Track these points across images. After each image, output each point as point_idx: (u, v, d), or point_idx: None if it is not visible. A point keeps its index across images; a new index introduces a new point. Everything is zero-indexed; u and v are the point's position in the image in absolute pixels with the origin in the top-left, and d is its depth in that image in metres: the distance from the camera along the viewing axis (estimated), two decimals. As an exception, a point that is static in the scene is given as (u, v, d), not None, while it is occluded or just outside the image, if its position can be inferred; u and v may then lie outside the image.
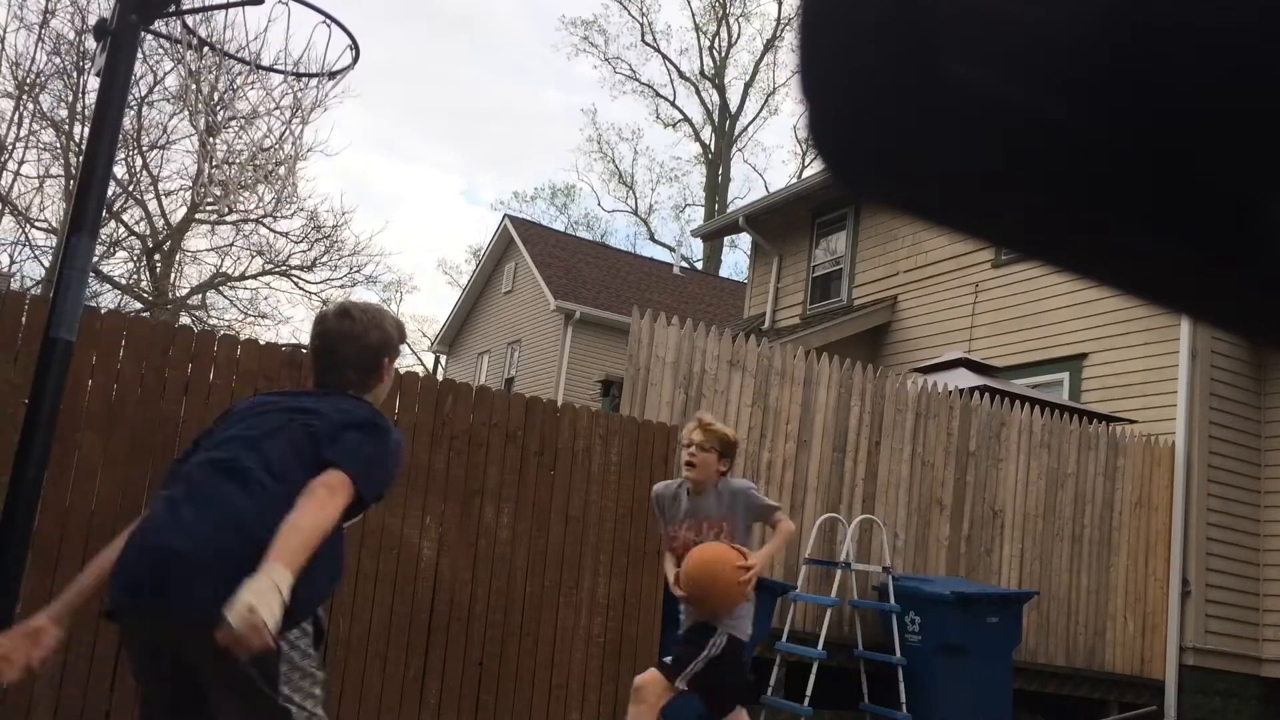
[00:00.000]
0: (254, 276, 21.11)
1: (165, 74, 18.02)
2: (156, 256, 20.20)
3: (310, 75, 4.72)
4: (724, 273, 30.77)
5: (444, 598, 5.63)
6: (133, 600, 2.29)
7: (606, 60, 36.06)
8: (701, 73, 34.42)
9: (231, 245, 20.83)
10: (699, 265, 30.44)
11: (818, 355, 7.71)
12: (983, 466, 7.96)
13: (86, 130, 4.76)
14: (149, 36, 4.24)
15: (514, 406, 6.01)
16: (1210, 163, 0.30)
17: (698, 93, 35.05)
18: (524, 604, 5.81)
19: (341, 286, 22.44)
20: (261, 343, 5.63)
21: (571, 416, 6.16)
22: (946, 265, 11.42)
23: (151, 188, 19.70)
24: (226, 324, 20.55)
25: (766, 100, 34.27)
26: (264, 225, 20.50)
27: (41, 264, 18.87)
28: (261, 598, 2.05)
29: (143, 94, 18.21)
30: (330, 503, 2.29)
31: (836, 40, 0.35)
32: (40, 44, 17.78)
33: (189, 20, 4.55)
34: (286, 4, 4.35)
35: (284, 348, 6.07)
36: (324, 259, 21.45)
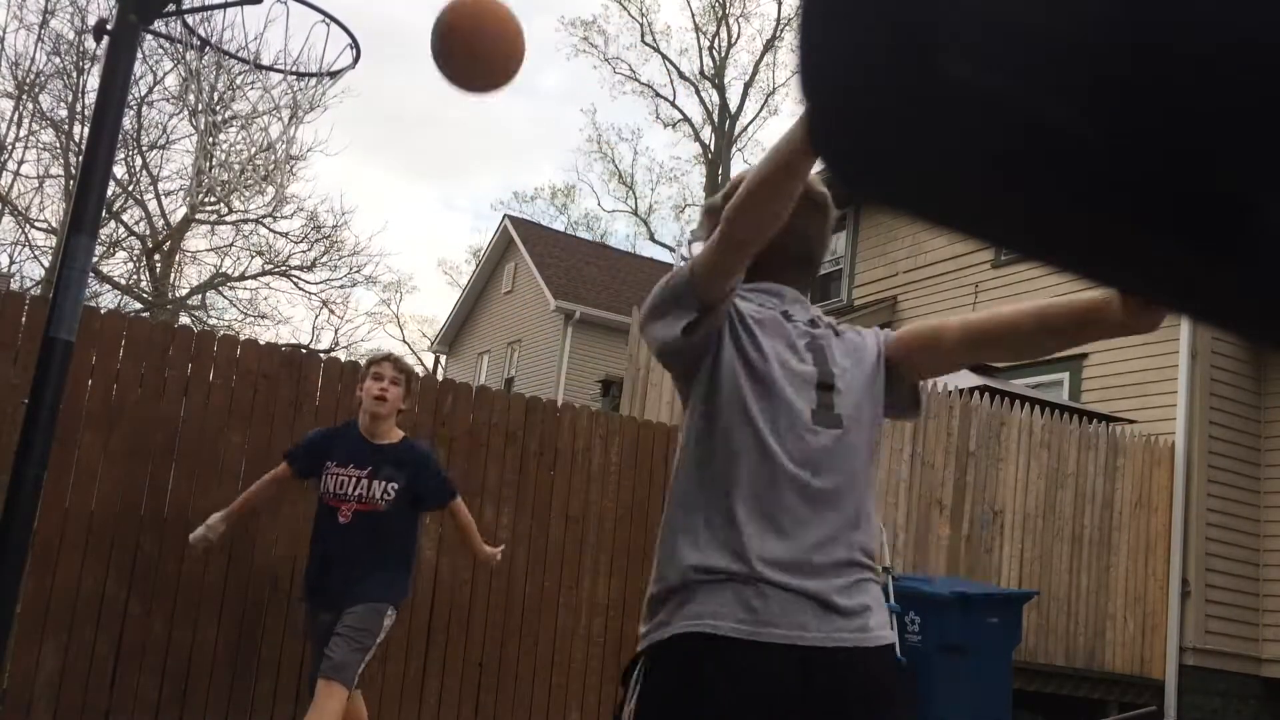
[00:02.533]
0: (254, 276, 21.11)
1: (165, 74, 18.03)
2: (156, 256, 20.20)
3: (311, 75, 4.71)
4: (724, 273, 30.69)
5: (444, 598, 5.63)
6: None
7: (606, 60, 36.03)
8: (701, 73, 34.41)
9: (231, 245, 20.85)
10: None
11: (818, 355, 7.71)
12: (983, 466, 7.96)
13: (86, 130, 4.76)
14: (149, 36, 4.25)
15: (514, 406, 6.01)
16: (1210, 163, 0.30)
17: (697, 93, 35.04)
18: (524, 604, 5.81)
19: (341, 286, 22.47)
20: (261, 343, 5.63)
21: (571, 416, 6.16)
22: (946, 265, 11.42)
23: (151, 188, 19.70)
24: (226, 324, 20.55)
25: (766, 100, 34.23)
26: (264, 225, 20.51)
27: (41, 264, 18.87)
28: None
29: (143, 94, 18.22)
30: None
31: (837, 41, 0.35)
32: (40, 44, 17.79)
33: (189, 20, 4.55)
34: (285, 3, 4.35)
35: (284, 348, 6.08)
36: (324, 259, 21.45)
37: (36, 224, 18.51)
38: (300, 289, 21.45)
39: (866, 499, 1.86)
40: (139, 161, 19.10)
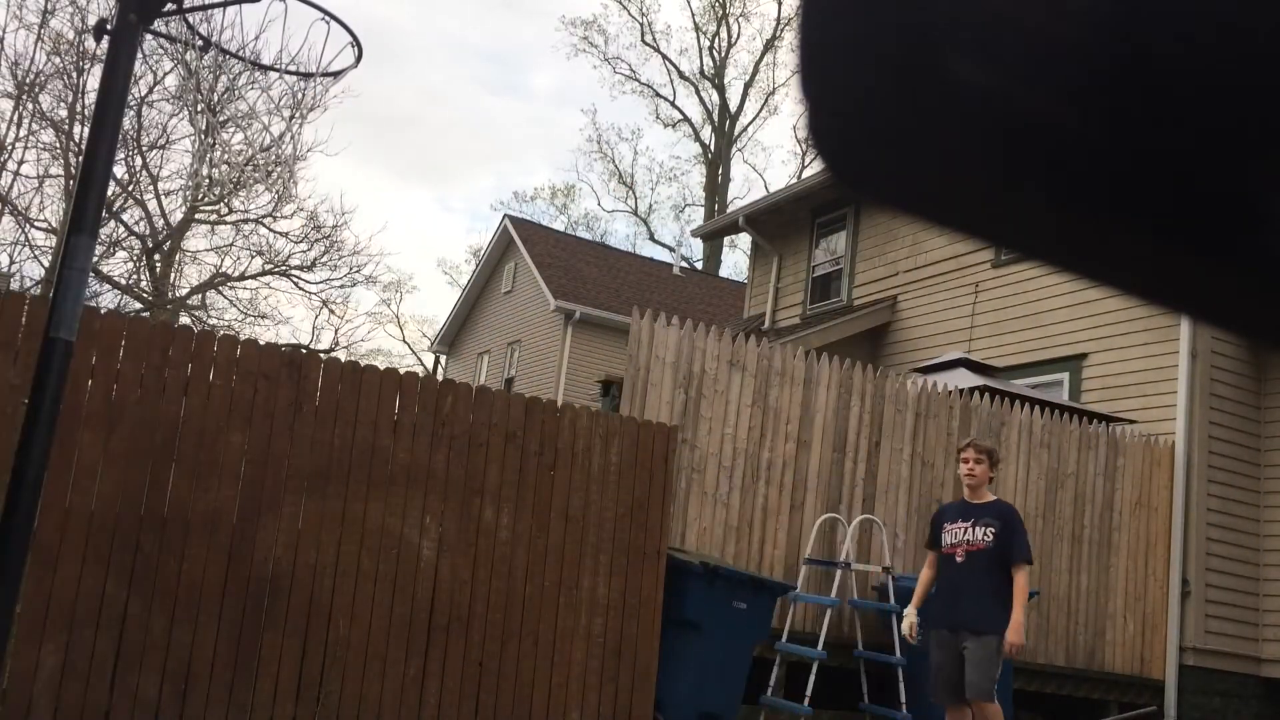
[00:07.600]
0: (254, 276, 21.10)
1: (165, 74, 18.04)
2: (156, 256, 20.20)
3: (312, 75, 4.71)
4: (724, 273, 30.78)
5: (444, 598, 5.63)
6: None
7: (606, 60, 36.08)
8: (701, 73, 34.43)
9: (231, 245, 20.84)
10: (699, 265, 30.44)
11: (818, 355, 7.71)
12: (983, 466, 7.95)
13: (86, 130, 4.77)
14: (149, 36, 4.25)
15: (514, 406, 6.01)
16: (1210, 163, 0.30)
17: (697, 93, 35.08)
18: (524, 604, 5.81)
19: (341, 286, 22.46)
20: (261, 343, 5.63)
21: (571, 416, 6.16)
22: (946, 265, 11.42)
23: (151, 188, 19.70)
24: (226, 324, 20.55)
25: (766, 100, 34.31)
26: (264, 225, 20.50)
27: (41, 264, 18.87)
28: None
29: (143, 94, 18.22)
30: None
31: (837, 40, 0.35)
32: (40, 44, 17.78)
33: (190, 19, 4.55)
34: (285, 2, 4.34)
35: (284, 348, 6.08)
36: (324, 259, 21.44)
37: (36, 224, 18.51)
38: (300, 289, 21.45)
39: None
40: (139, 161, 19.11)
